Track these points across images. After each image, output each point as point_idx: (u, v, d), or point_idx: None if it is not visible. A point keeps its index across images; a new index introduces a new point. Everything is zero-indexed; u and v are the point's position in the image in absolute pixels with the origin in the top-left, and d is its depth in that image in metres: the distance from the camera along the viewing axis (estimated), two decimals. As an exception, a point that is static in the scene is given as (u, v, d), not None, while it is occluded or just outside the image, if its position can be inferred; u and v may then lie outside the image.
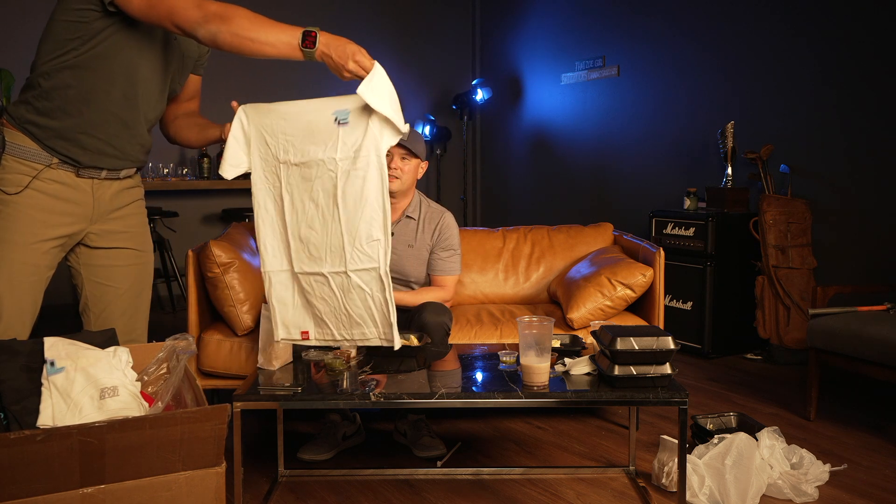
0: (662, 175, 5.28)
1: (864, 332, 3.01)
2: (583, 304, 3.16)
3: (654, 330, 2.27)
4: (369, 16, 6.52)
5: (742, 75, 4.71)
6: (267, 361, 2.42)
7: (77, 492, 1.65)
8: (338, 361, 2.40)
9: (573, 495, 2.57)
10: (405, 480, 2.67)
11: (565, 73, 6.06)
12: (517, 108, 6.60)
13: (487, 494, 2.57)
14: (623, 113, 5.60)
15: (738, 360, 4.30)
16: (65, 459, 1.62)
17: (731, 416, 3.03)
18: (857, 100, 4.13)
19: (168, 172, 5.57)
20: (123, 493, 1.70)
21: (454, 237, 3.07)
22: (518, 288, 3.66)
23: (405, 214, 3.04)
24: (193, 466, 1.76)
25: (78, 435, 1.62)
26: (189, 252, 3.04)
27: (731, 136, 4.54)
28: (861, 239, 4.14)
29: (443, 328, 2.81)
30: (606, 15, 5.70)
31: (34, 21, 5.28)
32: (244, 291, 2.99)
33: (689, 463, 2.46)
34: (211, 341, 3.02)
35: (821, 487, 2.58)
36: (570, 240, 3.72)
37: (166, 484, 1.73)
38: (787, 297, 4.11)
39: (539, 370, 2.26)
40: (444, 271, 3.05)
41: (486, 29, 6.92)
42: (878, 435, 3.12)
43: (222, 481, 1.80)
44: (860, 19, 4.10)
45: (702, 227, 4.31)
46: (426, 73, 6.83)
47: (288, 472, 2.73)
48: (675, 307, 4.41)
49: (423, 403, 2.23)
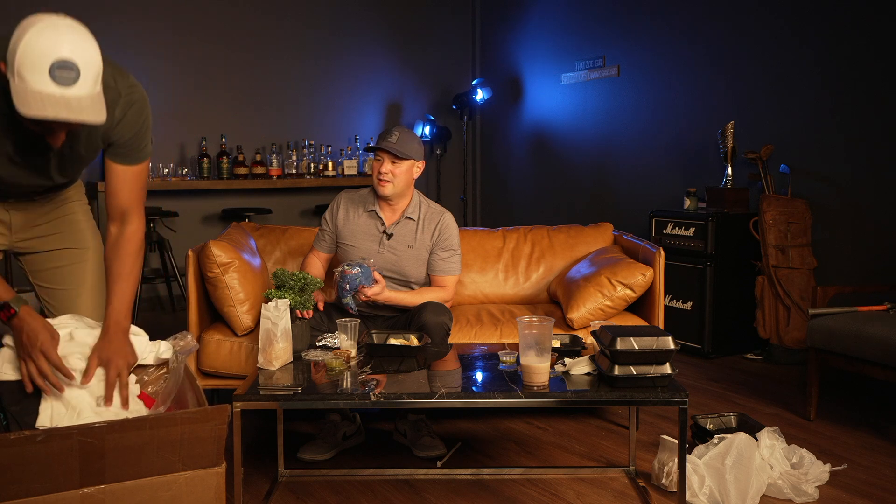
0: (662, 175, 5.28)
1: (864, 332, 3.01)
2: (583, 304, 3.16)
3: (654, 330, 2.27)
4: (369, 16, 6.52)
5: (742, 75, 4.71)
6: (267, 361, 2.42)
7: (77, 492, 1.65)
8: (338, 361, 2.40)
9: (573, 495, 2.57)
10: (405, 480, 2.67)
11: (565, 73, 6.06)
12: (517, 108, 6.60)
13: (487, 494, 2.57)
14: (623, 113, 5.60)
15: (738, 360, 4.30)
16: (65, 460, 1.62)
17: (731, 416, 3.03)
18: (857, 100, 4.13)
19: (168, 172, 5.56)
20: (123, 494, 1.69)
21: (454, 237, 3.07)
22: (518, 288, 3.66)
23: (404, 216, 3.04)
24: (193, 466, 1.75)
25: (78, 435, 1.62)
26: (189, 252, 3.04)
27: (731, 136, 4.53)
28: (861, 239, 4.13)
29: (443, 328, 2.81)
30: (606, 15, 5.70)
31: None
32: (244, 291, 3.00)
33: (689, 463, 2.45)
34: (211, 341, 3.02)
35: (821, 487, 2.58)
36: (570, 240, 3.72)
37: (166, 484, 1.73)
38: (787, 297, 4.11)
39: (539, 370, 2.26)
40: (444, 271, 3.05)
41: (486, 29, 6.92)
42: (878, 435, 3.12)
43: (222, 481, 1.79)
44: (860, 20, 4.10)
45: (702, 227, 4.31)
46: (426, 73, 6.83)
47: (288, 472, 2.73)
48: (675, 307, 4.41)
49: (423, 403, 2.23)
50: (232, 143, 5.85)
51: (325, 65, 6.33)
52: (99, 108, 1.69)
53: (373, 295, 2.82)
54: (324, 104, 6.37)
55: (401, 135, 2.94)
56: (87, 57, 1.64)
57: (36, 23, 1.63)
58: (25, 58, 1.59)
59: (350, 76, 6.45)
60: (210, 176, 5.71)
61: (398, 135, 2.93)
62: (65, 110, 1.62)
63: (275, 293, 2.58)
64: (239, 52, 5.96)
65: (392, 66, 6.67)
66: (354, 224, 3.05)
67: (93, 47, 1.67)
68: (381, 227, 3.03)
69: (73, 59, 1.60)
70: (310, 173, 6.03)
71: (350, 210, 3.07)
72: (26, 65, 1.59)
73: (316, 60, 6.28)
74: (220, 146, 5.76)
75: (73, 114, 1.63)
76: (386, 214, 3.04)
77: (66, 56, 1.60)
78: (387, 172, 2.93)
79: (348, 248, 3.04)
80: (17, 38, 1.62)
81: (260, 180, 5.83)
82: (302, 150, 6.08)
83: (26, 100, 1.61)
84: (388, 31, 6.62)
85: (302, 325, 2.64)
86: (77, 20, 1.70)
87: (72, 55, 1.60)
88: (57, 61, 1.59)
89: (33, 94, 1.60)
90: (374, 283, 2.82)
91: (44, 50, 1.59)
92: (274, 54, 6.09)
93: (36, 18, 1.64)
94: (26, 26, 1.63)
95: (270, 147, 5.98)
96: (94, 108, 1.68)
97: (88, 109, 1.65)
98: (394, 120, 6.70)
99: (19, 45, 1.60)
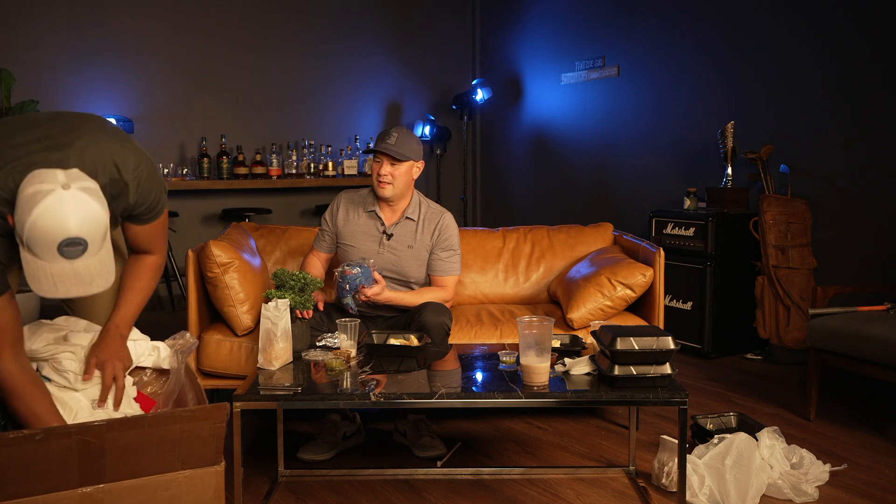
0: (662, 175, 5.28)
1: (864, 331, 3.01)
2: (583, 304, 3.16)
3: (654, 330, 2.27)
4: (369, 16, 6.52)
5: (742, 75, 4.71)
6: (267, 361, 2.42)
7: (76, 491, 1.65)
8: (338, 361, 2.40)
9: (573, 495, 2.57)
10: (405, 480, 2.67)
11: (565, 73, 6.06)
12: (517, 108, 6.60)
13: (487, 494, 2.57)
14: (623, 113, 5.59)
15: (738, 360, 4.30)
16: (64, 459, 1.62)
17: (731, 416, 3.03)
18: (856, 100, 4.13)
19: (168, 172, 5.57)
20: (123, 493, 1.69)
21: (454, 237, 3.07)
22: (518, 288, 3.66)
23: (404, 216, 3.03)
24: (192, 465, 1.75)
25: (77, 434, 1.61)
26: (189, 252, 3.04)
27: (731, 136, 4.53)
28: (861, 239, 4.13)
29: (443, 328, 2.81)
30: (606, 15, 5.70)
31: (34, 21, 5.29)
32: (244, 291, 2.99)
33: (689, 463, 2.45)
34: (211, 341, 3.02)
35: (821, 487, 2.58)
36: (570, 240, 3.72)
37: (165, 483, 1.73)
38: (787, 297, 4.11)
39: (539, 370, 2.26)
40: (444, 271, 3.05)
41: (486, 29, 6.92)
42: (878, 435, 3.12)
43: (221, 480, 1.79)
44: (860, 20, 4.10)
45: (702, 227, 4.31)
46: (426, 73, 6.83)
47: (288, 472, 2.73)
48: (675, 307, 4.41)
49: (423, 403, 2.23)
50: (232, 143, 5.85)
51: (325, 65, 6.33)
52: (108, 270, 1.75)
53: (373, 295, 2.82)
54: (324, 104, 6.36)
55: (399, 136, 2.93)
56: (93, 225, 1.68)
57: (41, 197, 1.63)
58: (33, 235, 1.63)
59: (350, 76, 6.45)
60: (210, 176, 5.71)
61: (397, 136, 2.93)
62: (75, 286, 1.69)
63: (275, 293, 2.58)
64: (239, 52, 5.96)
65: (392, 66, 6.67)
66: (354, 224, 3.05)
67: (97, 209, 1.69)
68: (381, 228, 3.03)
69: (80, 235, 1.65)
70: (310, 173, 6.03)
71: (350, 210, 3.07)
72: (35, 242, 1.64)
73: (316, 60, 6.29)
74: (220, 146, 5.76)
75: (83, 287, 1.71)
76: (386, 215, 3.04)
77: (73, 234, 1.64)
78: (386, 174, 2.93)
79: (348, 248, 3.04)
80: (23, 209, 1.64)
81: (260, 180, 5.83)
82: (302, 150, 6.08)
83: (38, 278, 1.67)
84: (388, 31, 6.62)
85: (302, 325, 2.64)
86: (80, 185, 1.68)
87: (79, 231, 1.65)
88: (65, 240, 1.63)
89: (44, 272, 1.66)
90: (375, 284, 2.82)
91: (51, 230, 1.63)
92: (274, 54, 6.09)
93: (40, 187, 1.64)
94: (32, 199, 1.63)
95: (270, 147, 5.98)
96: (103, 274, 1.74)
97: (98, 278, 1.72)
98: (394, 120, 6.70)
99: (27, 221, 1.63)
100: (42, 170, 1.70)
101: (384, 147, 2.91)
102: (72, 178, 1.68)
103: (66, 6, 5.37)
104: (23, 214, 1.63)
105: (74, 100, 5.41)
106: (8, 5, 5.22)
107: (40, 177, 1.67)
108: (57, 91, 5.36)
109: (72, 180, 1.67)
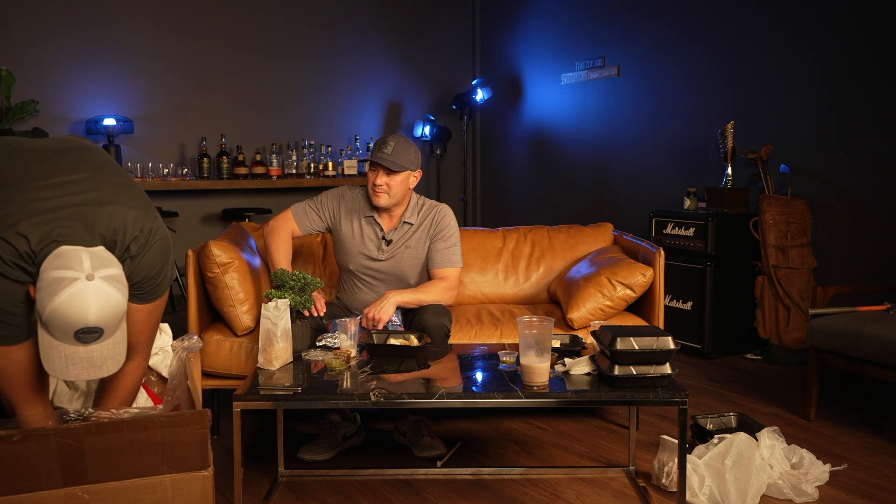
0: (662, 175, 5.28)
1: (864, 331, 3.01)
2: (583, 304, 3.16)
3: (654, 330, 2.27)
4: (370, 16, 6.52)
5: (742, 75, 4.71)
6: (267, 361, 2.42)
7: (61, 491, 1.67)
8: (338, 361, 2.40)
9: (573, 495, 2.57)
10: (405, 480, 2.67)
11: (565, 73, 6.06)
12: (517, 108, 6.60)
13: (487, 494, 2.57)
14: (623, 113, 5.59)
15: (738, 360, 4.30)
16: (44, 459, 1.64)
17: (731, 416, 3.03)
18: (856, 100, 4.13)
19: (168, 172, 5.56)
20: (108, 494, 1.71)
21: (451, 227, 3.04)
22: (518, 288, 3.66)
23: (402, 221, 3.03)
24: (178, 469, 1.76)
25: (55, 436, 1.63)
26: (189, 252, 3.04)
27: (731, 136, 4.53)
28: (861, 239, 4.13)
29: (442, 330, 2.81)
30: (606, 15, 5.70)
31: (34, 21, 5.28)
32: (244, 291, 2.99)
33: (689, 463, 2.45)
34: (211, 341, 3.02)
35: (821, 487, 2.58)
36: (570, 240, 3.72)
37: (151, 486, 1.74)
38: (787, 297, 4.11)
39: (539, 370, 2.26)
40: (445, 263, 3.02)
41: (486, 29, 6.92)
42: (878, 435, 3.12)
43: (209, 485, 1.80)
44: (860, 20, 4.10)
45: (702, 227, 4.31)
46: (426, 73, 6.83)
47: (288, 472, 2.73)
48: (675, 307, 4.41)
49: (423, 403, 2.23)
50: (232, 143, 5.85)
51: (325, 65, 6.33)
52: (121, 352, 1.79)
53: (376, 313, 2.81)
54: (324, 104, 6.37)
55: (396, 145, 2.90)
56: (112, 314, 1.72)
57: (64, 285, 1.67)
58: (53, 320, 1.67)
59: (350, 76, 6.45)
60: (210, 176, 5.71)
61: (393, 145, 2.90)
62: (86, 369, 1.73)
63: (275, 293, 2.58)
64: (239, 52, 5.96)
65: (392, 66, 6.67)
66: (353, 229, 3.03)
67: (117, 299, 1.74)
68: (379, 234, 3.02)
69: (97, 325, 1.69)
70: (310, 173, 6.03)
71: (349, 215, 3.05)
72: (53, 325, 1.68)
73: (316, 60, 6.29)
74: (220, 146, 5.76)
75: (94, 370, 1.75)
76: (384, 221, 3.03)
77: (91, 323, 1.68)
78: (382, 184, 2.91)
79: (347, 252, 3.04)
80: (45, 293, 1.68)
81: (260, 180, 5.83)
82: (302, 150, 6.08)
83: (52, 358, 1.71)
84: (388, 31, 6.62)
85: (302, 325, 2.64)
86: (104, 273, 1.72)
87: (97, 321, 1.69)
88: (83, 328, 1.68)
89: (58, 353, 1.70)
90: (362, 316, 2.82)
91: (71, 319, 1.67)
92: (274, 54, 6.09)
93: (65, 274, 1.67)
94: (56, 285, 1.67)
95: (270, 147, 5.98)
96: (115, 357, 1.78)
97: (109, 360, 1.76)
98: (394, 120, 6.70)
99: (48, 304, 1.67)
100: (67, 250, 1.72)
101: (380, 158, 2.89)
102: (96, 265, 1.72)
103: (66, 6, 5.37)
104: (44, 297, 1.67)
105: (74, 100, 5.42)
106: (8, 5, 5.22)
107: (66, 260, 1.70)
108: (57, 91, 5.36)
109: (96, 269, 1.71)
